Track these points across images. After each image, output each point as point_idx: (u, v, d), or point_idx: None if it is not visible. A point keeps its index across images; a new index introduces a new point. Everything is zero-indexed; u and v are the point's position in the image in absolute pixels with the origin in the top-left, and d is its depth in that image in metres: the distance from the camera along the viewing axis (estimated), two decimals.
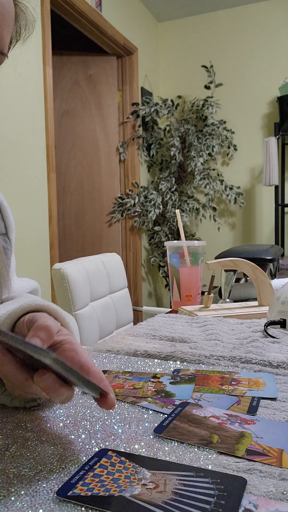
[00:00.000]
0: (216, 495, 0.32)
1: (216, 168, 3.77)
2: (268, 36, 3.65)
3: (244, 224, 3.83)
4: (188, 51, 3.90)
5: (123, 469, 0.36)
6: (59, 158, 3.45)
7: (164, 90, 3.98)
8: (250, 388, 0.53)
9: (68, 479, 0.35)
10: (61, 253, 3.43)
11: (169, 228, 3.53)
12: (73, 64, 3.45)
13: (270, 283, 1.03)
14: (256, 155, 3.73)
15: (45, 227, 2.47)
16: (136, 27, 3.56)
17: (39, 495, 0.33)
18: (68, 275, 1.39)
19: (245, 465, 0.37)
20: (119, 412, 0.47)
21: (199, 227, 3.90)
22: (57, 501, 0.32)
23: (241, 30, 3.72)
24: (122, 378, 0.57)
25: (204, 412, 0.46)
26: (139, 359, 0.65)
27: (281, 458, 0.38)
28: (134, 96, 3.51)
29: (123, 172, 3.56)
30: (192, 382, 0.55)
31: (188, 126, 3.51)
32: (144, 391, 0.52)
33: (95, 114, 3.50)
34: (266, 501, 0.32)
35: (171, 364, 0.63)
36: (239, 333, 0.78)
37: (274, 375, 0.57)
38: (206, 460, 0.38)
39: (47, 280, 2.42)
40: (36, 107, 2.38)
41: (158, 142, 3.59)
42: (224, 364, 0.62)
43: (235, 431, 0.42)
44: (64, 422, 0.45)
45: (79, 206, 3.55)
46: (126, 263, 3.58)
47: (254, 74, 3.70)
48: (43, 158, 2.44)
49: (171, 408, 0.48)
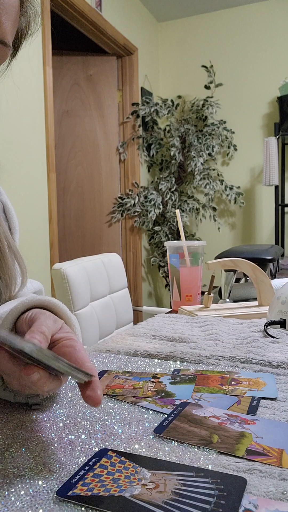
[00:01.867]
0: (216, 495, 0.32)
1: (216, 168, 3.77)
2: (268, 36, 3.65)
3: (244, 224, 3.83)
4: (188, 51, 3.90)
5: (123, 469, 0.36)
6: (59, 158, 3.45)
7: (164, 90, 3.98)
8: (250, 388, 0.53)
9: (68, 479, 0.35)
10: (61, 253, 3.43)
11: (169, 228, 3.53)
12: (73, 64, 3.45)
13: (270, 283, 1.03)
14: (256, 155, 3.73)
15: (45, 227, 2.47)
16: (136, 27, 3.56)
17: (39, 495, 0.33)
18: (68, 275, 1.39)
19: (245, 465, 0.37)
20: (119, 412, 0.47)
21: (199, 227, 3.90)
22: (57, 501, 0.32)
23: (241, 30, 3.72)
24: (122, 378, 0.57)
25: (204, 412, 0.46)
26: (139, 359, 0.65)
27: (281, 458, 0.38)
28: (134, 96, 3.51)
29: (123, 172, 3.56)
30: (192, 382, 0.55)
31: (188, 126, 3.51)
32: (144, 391, 0.52)
33: (95, 114, 3.50)
34: (266, 501, 0.32)
35: (171, 364, 0.63)
36: (239, 333, 0.78)
37: (274, 375, 0.57)
38: (206, 460, 0.38)
39: (47, 280, 2.42)
40: (36, 107, 2.38)
41: (158, 142, 3.59)
42: (224, 364, 0.62)
43: (235, 431, 0.42)
44: (64, 422, 0.45)
45: (79, 206, 3.55)
46: (126, 263, 3.58)
47: (254, 74, 3.70)
48: (43, 158, 2.44)
49: (171, 408, 0.48)
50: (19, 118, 2.25)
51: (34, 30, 0.58)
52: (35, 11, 0.56)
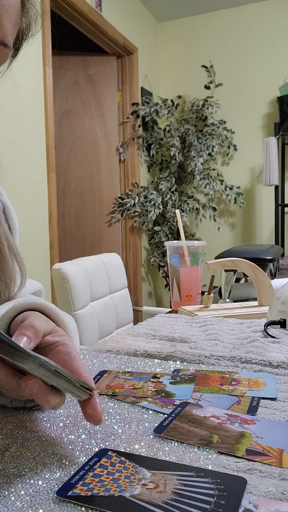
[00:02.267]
0: (216, 495, 0.32)
1: (216, 168, 3.77)
2: (268, 36, 3.65)
3: (244, 224, 3.83)
4: (188, 51, 3.90)
5: (123, 469, 0.36)
6: (59, 158, 3.45)
7: (164, 90, 3.98)
8: (250, 388, 0.53)
9: (68, 479, 0.35)
10: (61, 253, 3.43)
11: (169, 228, 3.53)
12: (73, 64, 3.45)
13: (270, 283, 1.03)
14: (256, 155, 3.73)
15: (45, 227, 2.47)
16: (136, 27, 3.56)
17: (39, 495, 0.33)
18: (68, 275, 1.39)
19: (245, 465, 0.37)
20: (119, 412, 0.47)
21: (199, 227, 3.90)
22: (57, 501, 0.32)
23: (241, 30, 3.72)
24: (122, 378, 0.57)
25: (204, 412, 0.46)
26: (139, 359, 0.65)
27: (281, 458, 0.38)
28: (134, 96, 3.51)
29: (123, 172, 3.56)
30: (192, 382, 0.55)
31: (188, 126, 3.51)
32: (144, 391, 0.52)
33: (95, 114, 3.50)
34: (266, 501, 0.32)
35: (171, 364, 0.63)
36: (239, 333, 0.78)
37: (274, 375, 0.57)
38: (206, 460, 0.38)
39: (47, 280, 2.42)
40: (36, 107, 2.38)
41: (158, 142, 3.59)
42: (224, 364, 0.62)
43: (235, 431, 0.42)
44: (64, 422, 0.45)
45: (79, 206, 3.55)
46: (126, 263, 3.58)
47: (254, 74, 3.70)
48: (43, 158, 2.44)
49: (171, 408, 0.48)
50: (19, 118, 2.25)
51: (35, 31, 0.57)
52: (36, 11, 0.56)
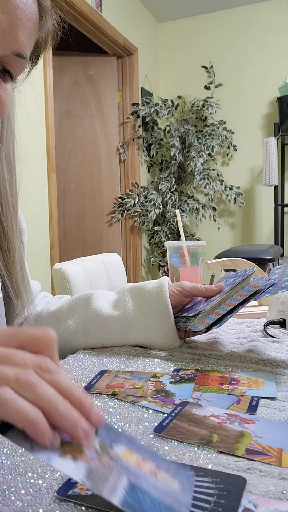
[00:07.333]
0: (216, 494, 0.32)
1: (216, 168, 3.77)
2: (268, 36, 3.65)
3: (244, 224, 3.83)
4: (188, 51, 3.90)
5: None
6: (59, 158, 3.45)
7: (164, 90, 3.98)
8: (249, 387, 0.53)
9: (68, 478, 0.35)
10: (61, 253, 3.43)
11: (169, 228, 3.53)
12: (73, 64, 3.45)
13: None
14: (256, 155, 3.73)
15: (45, 227, 2.47)
16: (136, 28, 3.56)
17: (40, 494, 0.33)
18: (69, 275, 1.39)
19: (244, 464, 0.37)
20: (119, 411, 0.47)
21: (199, 227, 3.90)
22: (57, 500, 0.32)
23: (241, 30, 3.72)
24: (122, 378, 0.57)
25: (204, 411, 0.46)
26: (139, 358, 0.65)
27: (280, 457, 0.38)
28: (134, 97, 3.51)
29: (123, 172, 3.56)
30: (192, 381, 0.55)
31: (188, 126, 3.51)
32: (144, 390, 0.52)
33: (95, 115, 3.50)
34: (265, 500, 0.32)
35: (171, 363, 0.63)
36: (239, 333, 0.78)
37: (273, 374, 0.57)
38: (206, 460, 0.38)
39: (47, 280, 2.42)
40: (37, 107, 2.38)
41: (158, 142, 3.59)
42: (224, 363, 0.62)
43: (235, 431, 0.42)
44: None
45: (79, 206, 3.55)
46: (126, 263, 3.58)
47: (254, 74, 3.70)
48: (43, 158, 2.44)
49: (171, 407, 0.48)
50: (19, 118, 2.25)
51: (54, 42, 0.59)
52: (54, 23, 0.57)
